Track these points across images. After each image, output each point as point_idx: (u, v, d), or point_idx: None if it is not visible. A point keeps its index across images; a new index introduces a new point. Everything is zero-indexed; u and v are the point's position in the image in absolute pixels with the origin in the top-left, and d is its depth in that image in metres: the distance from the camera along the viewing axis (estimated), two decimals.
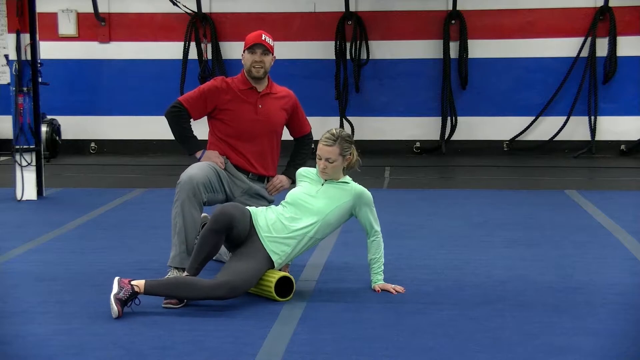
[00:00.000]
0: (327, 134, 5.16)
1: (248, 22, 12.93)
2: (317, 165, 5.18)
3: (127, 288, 4.67)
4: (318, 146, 5.15)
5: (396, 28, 12.87)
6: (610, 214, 7.73)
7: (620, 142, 12.72)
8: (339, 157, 5.12)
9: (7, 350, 4.16)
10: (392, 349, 4.17)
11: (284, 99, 5.82)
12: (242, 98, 5.65)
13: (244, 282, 4.82)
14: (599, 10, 12.52)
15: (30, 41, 8.76)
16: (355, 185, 5.21)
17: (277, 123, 5.77)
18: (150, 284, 4.74)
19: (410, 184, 10.15)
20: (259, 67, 5.62)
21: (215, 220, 4.94)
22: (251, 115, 5.64)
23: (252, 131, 5.65)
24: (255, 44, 5.60)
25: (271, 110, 5.72)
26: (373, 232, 5.23)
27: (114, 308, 4.61)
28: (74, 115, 13.10)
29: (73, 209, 8.16)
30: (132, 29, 13.17)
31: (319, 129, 11.48)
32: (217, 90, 5.64)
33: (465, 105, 12.87)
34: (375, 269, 5.23)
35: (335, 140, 5.10)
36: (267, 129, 5.71)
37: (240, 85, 5.68)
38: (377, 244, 5.24)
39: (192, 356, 4.08)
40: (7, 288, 5.33)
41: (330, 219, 5.13)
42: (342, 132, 5.18)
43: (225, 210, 4.97)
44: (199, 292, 4.74)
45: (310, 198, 5.13)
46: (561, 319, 4.63)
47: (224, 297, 4.78)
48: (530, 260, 6.05)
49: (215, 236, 4.93)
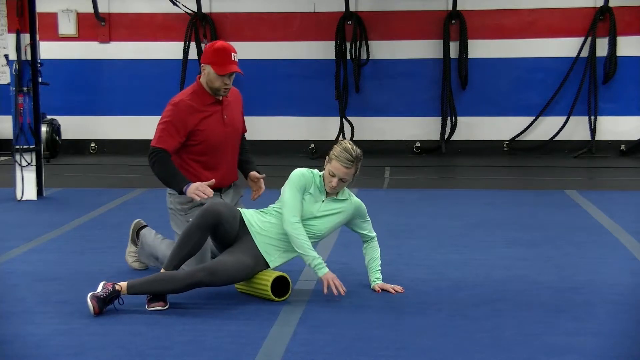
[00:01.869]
0: (345, 154, 4.99)
1: (248, 22, 12.95)
2: (327, 181, 5.07)
3: (107, 287, 4.70)
4: (333, 164, 5.01)
5: (396, 28, 12.86)
6: (610, 214, 7.73)
7: (620, 142, 12.72)
8: (353, 176, 5.11)
9: (7, 350, 4.16)
10: (392, 349, 4.17)
11: (237, 100, 5.65)
12: (208, 114, 5.41)
13: (225, 270, 4.81)
14: (599, 10, 12.51)
15: (30, 41, 8.76)
16: (354, 199, 5.22)
17: (239, 128, 5.65)
18: (132, 283, 4.76)
19: (410, 184, 10.15)
20: (227, 89, 5.42)
21: (201, 215, 4.90)
22: (220, 128, 5.44)
23: (224, 143, 5.47)
24: (232, 72, 5.34)
25: (234, 117, 5.57)
26: (370, 238, 5.30)
27: (89, 304, 4.62)
28: (74, 115, 13.09)
29: (73, 209, 8.16)
30: (132, 29, 13.17)
31: (319, 129, 11.49)
32: (184, 117, 5.32)
33: (465, 105, 12.87)
34: (373, 267, 5.26)
35: (354, 162, 5.03)
36: (235, 136, 5.58)
37: (202, 99, 5.41)
38: (374, 246, 5.31)
39: (192, 356, 4.08)
40: (7, 288, 5.33)
41: (328, 235, 5.24)
42: (358, 151, 5.06)
43: (213, 207, 4.92)
44: (180, 282, 4.75)
45: (313, 220, 5.10)
46: (561, 319, 4.63)
47: (203, 282, 4.76)
48: (530, 260, 6.05)
49: (198, 232, 4.89)
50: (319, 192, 5.12)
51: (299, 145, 12.79)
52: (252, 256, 4.99)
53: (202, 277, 4.77)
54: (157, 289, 4.76)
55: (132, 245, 5.75)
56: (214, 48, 5.42)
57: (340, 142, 5.10)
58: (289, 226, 4.98)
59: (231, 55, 5.39)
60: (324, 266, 4.98)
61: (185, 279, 4.77)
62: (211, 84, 5.40)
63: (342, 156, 5.00)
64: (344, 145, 5.05)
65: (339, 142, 5.10)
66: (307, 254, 4.97)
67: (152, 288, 4.76)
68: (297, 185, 5.07)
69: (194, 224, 4.91)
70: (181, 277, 4.78)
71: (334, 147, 5.09)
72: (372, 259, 5.27)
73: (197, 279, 4.76)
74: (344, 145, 5.06)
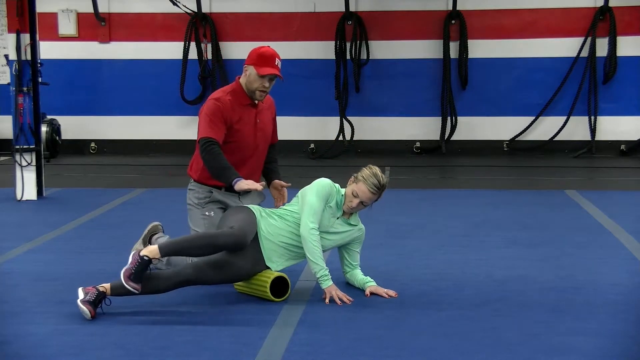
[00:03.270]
0: (374, 179, 5.02)
1: (248, 22, 12.96)
2: (347, 200, 5.07)
3: (92, 292, 4.68)
4: (359, 185, 5.02)
5: (396, 28, 12.87)
6: (610, 214, 7.73)
7: (620, 142, 12.72)
8: (372, 203, 5.12)
9: (7, 350, 4.16)
10: (392, 349, 4.17)
11: (270, 108, 5.65)
12: (243, 115, 5.42)
13: (214, 268, 4.80)
14: (599, 10, 12.52)
15: (30, 41, 8.76)
16: (361, 226, 5.24)
17: (270, 135, 5.62)
18: (115, 284, 4.74)
19: (410, 184, 10.14)
20: (264, 92, 5.42)
21: (231, 242, 4.82)
22: (252, 131, 5.46)
23: (252, 147, 5.47)
24: (273, 74, 5.34)
25: (266, 123, 5.57)
26: (354, 267, 5.26)
27: (84, 310, 4.60)
28: (74, 115, 13.10)
29: (73, 209, 8.16)
30: (132, 29, 13.17)
31: (319, 129, 11.48)
32: (226, 111, 5.33)
33: (465, 105, 12.87)
34: (359, 274, 5.23)
35: (380, 190, 5.04)
36: (263, 143, 5.56)
37: (240, 100, 5.43)
38: (357, 272, 5.26)
39: (192, 356, 4.08)
40: (7, 288, 5.33)
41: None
42: (385, 180, 5.07)
43: (244, 240, 4.85)
44: (166, 281, 4.74)
45: (325, 234, 5.09)
46: (561, 319, 4.64)
47: (190, 280, 4.77)
48: (530, 260, 6.05)
49: (215, 250, 4.82)
50: (337, 209, 5.12)
51: (299, 145, 12.78)
52: (251, 258, 4.97)
53: (189, 275, 4.77)
54: (143, 289, 4.73)
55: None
56: (260, 51, 5.44)
57: (370, 167, 5.10)
58: (307, 231, 4.95)
59: (275, 60, 5.40)
60: (328, 278, 4.97)
61: (172, 278, 4.76)
62: (250, 85, 5.39)
63: (370, 180, 5.01)
64: (373, 171, 5.06)
65: (369, 166, 5.10)
66: (317, 263, 4.94)
67: None
68: (324, 194, 5.05)
69: (218, 243, 4.80)
70: (167, 276, 4.77)
71: (362, 169, 5.10)
72: (357, 272, 5.26)
73: (183, 277, 4.76)
74: (373, 170, 5.07)
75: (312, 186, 5.08)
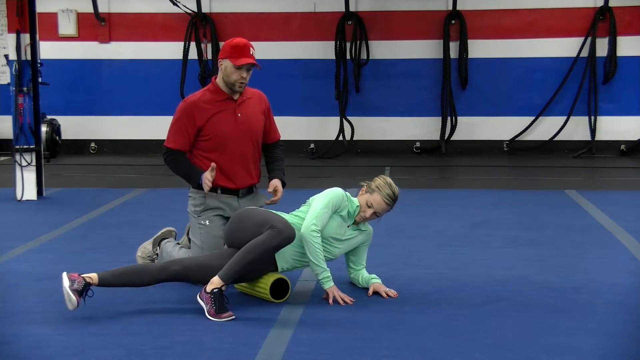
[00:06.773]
0: (388, 190, 5.04)
1: (248, 22, 12.96)
2: (362, 210, 5.07)
3: (79, 280, 4.64)
4: (375, 196, 5.02)
5: (396, 28, 12.87)
6: (610, 214, 7.73)
7: (620, 142, 12.73)
8: (386, 213, 5.13)
9: (7, 350, 4.16)
10: (392, 349, 4.17)
11: (260, 102, 5.57)
12: (219, 110, 5.36)
13: (200, 269, 4.80)
14: (599, 10, 12.53)
15: (30, 41, 8.76)
16: (370, 228, 5.25)
17: (258, 128, 5.52)
18: (103, 275, 4.74)
19: (410, 184, 10.14)
20: (243, 83, 5.36)
21: (284, 238, 4.77)
22: (232, 126, 5.37)
23: (235, 141, 5.38)
24: (248, 63, 5.26)
25: (251, 117, 5.47)
26: (360, 267, 5.26)
27: (72, 298, 4.57)
28: (74, 115, 13.11)
29: (73, 209, 8.17)
30: (132, 29, 13.18)
31: (319, 129, 11.52)
32: (192, 116, 5.31)
33: (465, 105, 12.87)
34: (364, 272, 5.23)
35: (394, 201, 5.07)
36: (250, 137, 5.45)
37: (214, 97, 5.36)
38: (363, 271, 5.27)
39: (192, 356, 4.08)
40: (7, 288, 5.33)
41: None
42: (398, 191, 5.10)
43: (293, 230, 4.80)
44: (152, 275, 4.75)
45: (337, 242, 5.09)
46: (561, 319, 4.63)
47: (177, 277, 4.79)
48: (530, 260, 6.05)
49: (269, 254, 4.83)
50: (348, 217, 5.11)
51: (299, 145, 12.78)
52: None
53: (177, 272, 4.78)
54: (128, 282, 4.75)
55: (149, 246, 5.71)
56: (232, 43, 5.35)
57: (383, 177, 5.11)
58: (308, 232, 4.91)
59: (249, 49, 5.32)
60: (330, 280, 4.96)
61: (159, 273, 4.77)
62: (227, 78, 5.33)
63: (385, 191, 5.03)
64: (387, 181, 5.08)
65: (381, 176, 5.12)
66: (319, 264, 4.92)
67: (122, 280, 4.75)
68: (333, 203, 5.01)
69: (272, 245, 4.75)
70: (154, 271, 4.78)
71: (375, 179, 5.10)
72: (363, 271, 5.27)
73: (171, 273, 4.77)
74: (387, 180, 5.08)
75: (324, 194, 5.06)
